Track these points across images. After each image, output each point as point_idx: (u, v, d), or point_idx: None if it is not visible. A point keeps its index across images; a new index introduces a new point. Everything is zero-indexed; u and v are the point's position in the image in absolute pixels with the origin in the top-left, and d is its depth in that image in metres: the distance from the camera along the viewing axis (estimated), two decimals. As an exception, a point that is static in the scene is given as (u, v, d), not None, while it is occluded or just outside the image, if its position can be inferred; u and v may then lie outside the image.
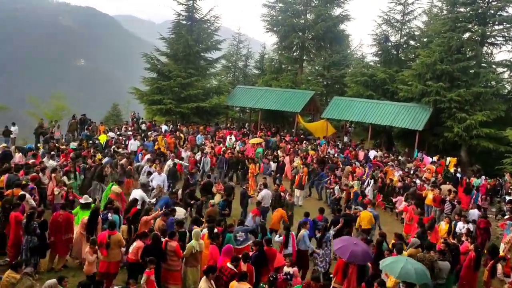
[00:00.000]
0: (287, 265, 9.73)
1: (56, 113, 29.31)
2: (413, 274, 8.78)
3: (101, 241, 9.55)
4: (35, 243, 10.03)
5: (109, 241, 9.56)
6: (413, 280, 8.79)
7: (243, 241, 11.09)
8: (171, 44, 34.50)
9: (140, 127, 28.61)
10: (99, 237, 9.74)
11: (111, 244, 9.58)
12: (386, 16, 34.71)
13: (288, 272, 9.53)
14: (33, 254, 10.07)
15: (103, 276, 9.56)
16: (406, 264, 9.00)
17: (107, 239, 9.57)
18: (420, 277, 8.87)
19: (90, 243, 9.47)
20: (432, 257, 10.22)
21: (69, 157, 17.48)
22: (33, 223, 10.04)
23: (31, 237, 10.00)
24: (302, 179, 18.95)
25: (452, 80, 27.52)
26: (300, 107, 31.33)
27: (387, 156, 25.59)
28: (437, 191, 17.38)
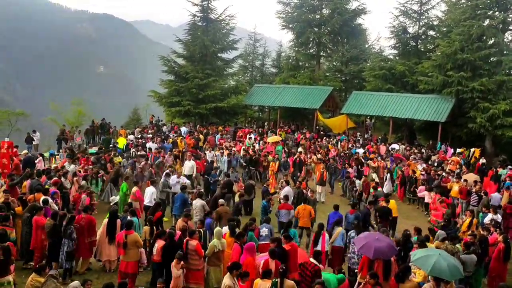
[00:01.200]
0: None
1: (77, 119, 29.87)
2: (446, 270, 8.33)
3: (119, 240, 9.62)
4: (71, 247, 10.18)
5: (126, 241, 9.63)
6: (447, 276, 8.35)
7: (265, 237, 11.08)
8: (188, 46, 34.71)
9: (161, 129, 28.85)
10: (117, 237, 9.81)
11: (128, 244, 9.64)
12: (403, 7, 34.09)
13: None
14: (69, 258, 10.22)
15: (123, 275, 9.63)
16: (439, 259, 8.53)
17: (124, 238, 9.65)
18: (453, 273, 8.43)
19: (176, 257, 9.17)
20: (453, 249, 9.93)
21: (89, 161, 17.72)
22: (69, 227, 10.18)
23: (67, 241, 10.13)
24: (323, 175, 18.74)
25: (473, 69, 26.82)
26: (319, 103, 31.06)
27: (409, 149, 25.12)
28: (462, 183, 16.97)
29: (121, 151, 21.15)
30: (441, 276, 8.39)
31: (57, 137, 24.28)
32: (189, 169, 18.08)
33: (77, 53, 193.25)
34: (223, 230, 10.66)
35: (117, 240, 9.66)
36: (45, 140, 29.43)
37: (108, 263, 10.88)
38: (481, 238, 11.25)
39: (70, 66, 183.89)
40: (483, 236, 11.45)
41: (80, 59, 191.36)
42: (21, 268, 10.48)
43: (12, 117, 27.76)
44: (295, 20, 37.72)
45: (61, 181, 14.33)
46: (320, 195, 18.46)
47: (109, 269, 10.85)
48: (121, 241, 9.64)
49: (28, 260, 10.81)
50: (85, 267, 10.90)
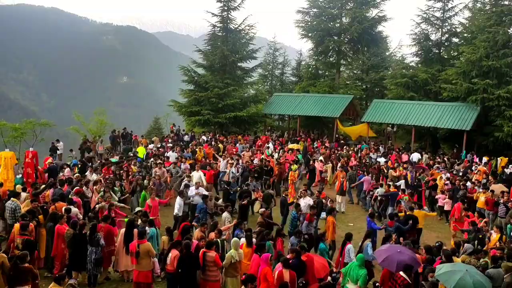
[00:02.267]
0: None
1: (99, 129, 30.34)
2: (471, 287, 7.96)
3: (131, 250, 9.60)
4: (99, 254, 10.24)
5: (138, 250, 9.59)
6: None
7: None
8: (207, 56, 35.00)
9: (182, 139, 29.02)
10: (130, 246, 9.79)
11: (141, 253, 9.60)
12: (425, 14, 33.56)
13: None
14: (96, 265, 10.30)
15: (137, 286, 9.59)
16: (464, 276, 8.13)
17: (137, 248, 9.61)
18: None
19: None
20: (475, 263, 9.53)
21: (110, 170, 17.88)
22: (96, 234, 10.26)
23: (95, 248, 10.20)
24: (343, 184, 18.42)
25: (499, 77, 26.13)
26: (339, 112, 30.76)
27: (432, 158, 24.52)
28: (489, 193, 16.42)
29: (141, 160, 21.31)
30: None
31: (79, 147, 24.66)
32: (197, 179, 17.46)
33: (102, 64, 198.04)
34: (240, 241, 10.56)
35: (130, 250, 9.65)
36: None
37: (126, 273, 10.87)
38: (510, 251, 10.78)
39: (95, 77, 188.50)
40: (510, 249, 10.98)
41: (105, 70, 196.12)
42: (43, 277, 10.56)
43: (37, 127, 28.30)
44: (315, 29, 37.58)
45: (83, 190, 14.50)
46: (340, 205, 18.15)
47: (127, 279, 10.84)
48: (134, 250, 9.62)
49: (51, 269, 10.89)
50: (104, 277, 10.92)
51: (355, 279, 9.22)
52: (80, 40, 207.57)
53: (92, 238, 10.19)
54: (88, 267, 10.23)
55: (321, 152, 25.41)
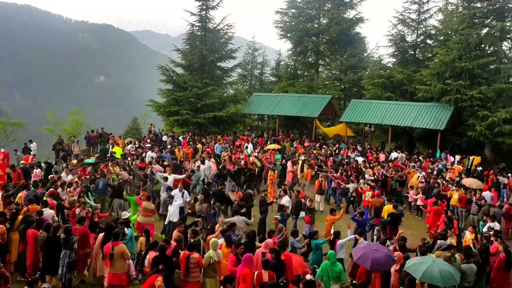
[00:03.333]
0: (309, 273, 9.41)
1: (75, 129, 29.76)
2: (438, 276, 8.32)
3: (105, 252, 9.46)
4: (73, 258, 9.99)
5: (112, 252, 9.43)
6: (438, 282, 8.34)
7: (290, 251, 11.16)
8: (186, 55, 34.81)
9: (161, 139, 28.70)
10: (104, 248, 9.64)
11: (115, 255, 9.45)
12: (401, 16, 34.25)
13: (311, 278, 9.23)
14: (70, 269, 10.01)
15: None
16: (431, 266, 8.54)
17: (111, 250, 9.46)
18: (445, 279, 8.39)
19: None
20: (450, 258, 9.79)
21: (86, 171, 17.57)
22: (71, 237, 10.01)
23: (69, 251, 9.95)
24: (322, 184, 18.59)
25: (472, 78, 26.83)
26: (318, 111, 31.04)
27: (409, 157, 25.02)
28: (462, 191, 16.85)
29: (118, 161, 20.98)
30: (432, 282, 8.39)
31: (53, 147, 24.10)
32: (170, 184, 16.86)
33: (78, 63, 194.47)
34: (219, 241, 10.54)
35: (104, 252, 9.50)
36: (44, 150, 29.29)
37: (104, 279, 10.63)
38: (481, 247, 11.10)
39: (70, 76, 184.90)
40: (483, 245, 11.30)
41: (81, 69, 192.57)
42: (16, 281, 10.31)
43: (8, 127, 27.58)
44: (293, 30, 37.84)
45: (58, 192, 14.19)
46: (319, 204, 18.31)
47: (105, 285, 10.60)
48: (108, 252, 9.47)
49: (24, 273, 10.63)
50: (79, 280, 10.71)
51: (335, 276, 9.33)
52: (54, 38, 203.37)
53: (68, 241, 9.99)
54: (61, 271, 9.98)
55: (300, 152, 25.59)
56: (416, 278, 8.52)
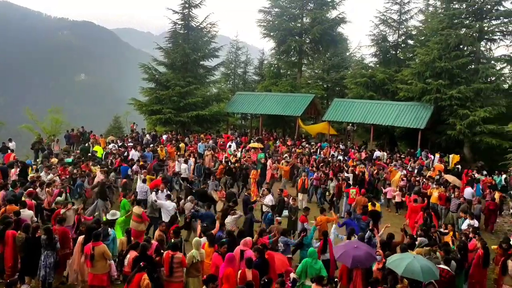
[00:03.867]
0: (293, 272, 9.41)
1: (54, 128, 29.18)
2: (419, 271, 8.48)
3: (86, 252, 9.33)
4: (55, 258, 9.84)
5: (93, 253, 9.31)
6: (419, 277, 8.49)
7: (282, 252, 11.14)
8: (168, 54, 34.54)
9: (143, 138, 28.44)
10: (84, 248, 9.51)
11: (96, 255, 9.33)
12: (382, 16, 34.69)
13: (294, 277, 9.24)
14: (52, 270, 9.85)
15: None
16: (412, 261, 8.72)
17: (91, 250, 9.34)
18: (426, 274, 8.55)
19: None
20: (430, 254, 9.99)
21: (67, 171, 17.30)
22: (54, 237, 9.86)
23: (51, 252, 9.78)
24: (305, 182, 18.69)
25: (451, 77, 27.30)
26: (301, 110, 31.16)
27: (390, 156, 25.35)
28: (442, 189, 17.15)
29: (100, 160, 20.75)
30: (413, 277, 8.53)
31: (31, 146, 23.63)
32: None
33: (58, 61, 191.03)
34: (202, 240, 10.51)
35: (84, 252, 9.37)
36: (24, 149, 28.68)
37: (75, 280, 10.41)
38: (460, 244, 11.31)
39: (50, 74, 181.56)
40: (462, 242, 11.52)
41: (61, 66, 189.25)
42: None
43: (-15, 126, 26.91)
44: (276, 29, 37.92)
45: (36, 192, 13.93)
46: (302, 203, 18.38)
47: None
48: (88, 253, 9.35)
49: (2, 274, 10.40)
50: (59, 281, 10.54)
51: (315, 273, 9.39)
52: (34, 35, 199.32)
53: (50, 242, 9.80)
54: (42, 273, 9.79)
55: (283, 151, 25.71)
56: (398, 273, 8.65)
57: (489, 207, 16.54)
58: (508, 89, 28.91)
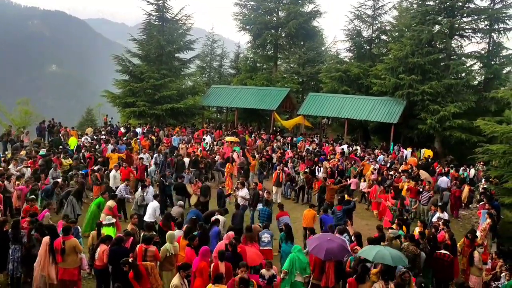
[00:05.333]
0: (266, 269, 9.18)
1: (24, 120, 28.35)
2: (388, 257, 8.81)
3: (56, 247, 9.15)
4: (23, 253, 9.58)
5: (64, 247, 9.13)
6: (389, 262, 8.77)
7: (267, 243, 11.25)
8: (143, 45, 33.98)
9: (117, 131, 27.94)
10: (54, 243, 9.31)
11: (66, 249, 9.16)
12: (357, 11, 35.03)
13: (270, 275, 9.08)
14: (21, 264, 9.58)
15: (62, 284, 9.16)
16: (382, 249, 9.14)
17: (62, 244, 9.16)
18: (395, 260, 8.89)
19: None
20: (416, 250, 10.23)
21: (37, 163, 16.85)
22: (19, 231, 9.59)
23: (18, 246, 9.52)
24: (279, 176, 18.78)
25: (424, 73, 27.87)
26: (276, 104, 31.23)
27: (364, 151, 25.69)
28: (412, 182, 17.52)
29: (71, 153, 20.27)
30: (384, 262, 8.78)
31: (0, 138, 22.92)
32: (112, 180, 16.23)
33: (28, 51, 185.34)
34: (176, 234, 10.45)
35: (54, 246, 9.17)
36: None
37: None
38: (429, 236, 11.59)
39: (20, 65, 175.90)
40: (431, 234, 11.80)
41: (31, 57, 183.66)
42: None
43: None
44: (252, 22, 37.81)
45: (4, 185, 13.52)
46: (276, 196, 18.48)
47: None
48: (59, 247, 9.16)
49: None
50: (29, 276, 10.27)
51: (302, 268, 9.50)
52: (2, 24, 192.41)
53: (16, 236, 9.55)
54: (10, 267, 9.55)
55: (258, 144, 25.73)
56: (369, 259, 8.95)
57: (455, 194, 17.78)
58: (478, 85, 29.73)
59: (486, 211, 14.29)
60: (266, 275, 9.00)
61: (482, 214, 14.58)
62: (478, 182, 21.32)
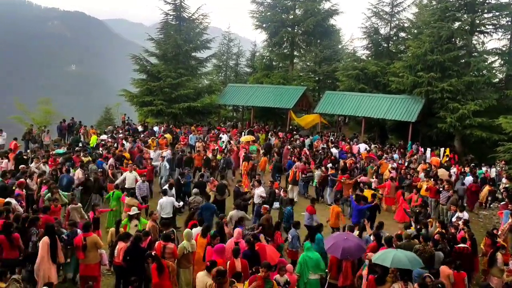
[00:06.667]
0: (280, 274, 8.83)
1: (45, 119, 28.89)
2: (405, 260, 8.71)
3: (77, 244, 9.30)
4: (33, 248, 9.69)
5: (85, 243, 9.31)
6: (407, 265, 8.69)
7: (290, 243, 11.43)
8: (160, 45, 34.25)
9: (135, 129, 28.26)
10: (75, 240, 9.48)
11: (88, 246, 9.33)
12: (375, 8, 34.68)
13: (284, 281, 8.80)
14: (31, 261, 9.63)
15: (83, 280, 9.32)
16: (397, 253, 8.98)
17: (83, 241, 9.32)
18: (413, 262, 8.81)
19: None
20: (432, 251, 10.09)
21: (57, 161, 17.15)
22: (32, 228, 9.77)
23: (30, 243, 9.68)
24: (296, 174, 18.73)
25: (443, 70, 27.41)
26: (292, 103, 31.13)
27: (381, 149, 25.43)
28: (431, 181, 17.27)
29: (90, 151, 20.58)
30: (402, 266, 8.67)
31: (22, 137, 23.44)
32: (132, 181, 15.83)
33: (48, 52, 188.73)
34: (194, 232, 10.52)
35: (75, 243, 9.32)
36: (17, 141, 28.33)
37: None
38: (449, 236, 11.42)
39: (40, 65, 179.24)
40: (451, 234, 11.63)
41: (51, 57, 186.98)
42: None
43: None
44: (269, 20, 37.72)
45: (27, 183, 13.81)
46: (293, 194, 18.43)
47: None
48: (80, 244, 9.33)
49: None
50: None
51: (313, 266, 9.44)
52: (23, 25, 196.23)
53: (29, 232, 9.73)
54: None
55: (275, 143, 25.70)
56: (387, 265, 8.73)
57: (471, 189, 18.14)
58: (499, 83, 29.13)
59: (509, 212, 13.99)
60: (281, 281, 8.76)
61: (505, 214, 14.29)
62: (499, 181, 20.89)
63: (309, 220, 13.12)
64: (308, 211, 13.32)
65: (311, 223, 12.85)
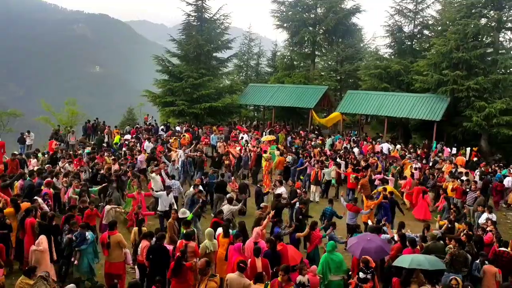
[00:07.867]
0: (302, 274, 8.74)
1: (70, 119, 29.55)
2: (424, 261, 8.64)
3: (102, 241, 9.49)
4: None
5: (109, 241, 9.47)
6: (426, 266, 8.58)
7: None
8: (182, 45, 34.56)
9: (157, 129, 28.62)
10: (100, 238, 9.66)
11: (112, 244, 9.49)
12: (398, 6, 34.13)
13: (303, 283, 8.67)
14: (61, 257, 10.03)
15: (108, 277, 9.48)
16: (415, 256, 8.98)
17: (107, 239, 9.49)
18: (432, 263, 8.70)
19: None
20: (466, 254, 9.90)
21: (82, 161, 17.49)
22: (65, 226, 10.10)
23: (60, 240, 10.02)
24: (318, 175, 18.59)
25: (469, 68, 26.79)
26: (314, 102, 30.96)
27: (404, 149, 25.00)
28: (457, 182, 16.89)
29: (114, 150, 20.93)
30: (420, 267, 8.60)
31: (50, 137, 24.03)
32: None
33: (73, 53, 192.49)
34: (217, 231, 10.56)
35: (100, 241, 9.51)
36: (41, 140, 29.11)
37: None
38: (476, 238, 11.15)
39: (65, 66, 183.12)
40: (478, 236, 11.35)
41: (76, 59, 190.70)
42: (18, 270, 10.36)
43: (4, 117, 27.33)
44: (290, 19, 37.59)
45: (54, 182, 14.12)
46: (314, 195, 18.33)
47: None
48: (105, 241, 9.51)
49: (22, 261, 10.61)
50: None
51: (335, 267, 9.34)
52: (49, 28, 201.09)
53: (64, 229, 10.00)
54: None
55: (296, 143, 25.62)
56: (406, 266, 8.70)
57: (496, 188, 18.06)
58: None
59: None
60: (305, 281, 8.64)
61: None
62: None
63: (354, 220, 13.18)
64: (353, 211, 13.30)
65: (355, 222, 12.93)
